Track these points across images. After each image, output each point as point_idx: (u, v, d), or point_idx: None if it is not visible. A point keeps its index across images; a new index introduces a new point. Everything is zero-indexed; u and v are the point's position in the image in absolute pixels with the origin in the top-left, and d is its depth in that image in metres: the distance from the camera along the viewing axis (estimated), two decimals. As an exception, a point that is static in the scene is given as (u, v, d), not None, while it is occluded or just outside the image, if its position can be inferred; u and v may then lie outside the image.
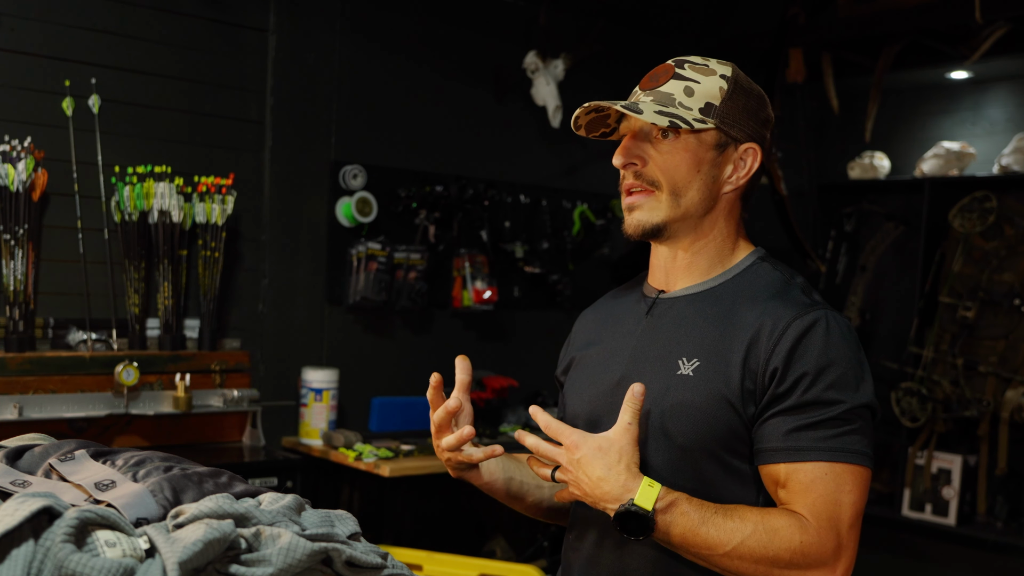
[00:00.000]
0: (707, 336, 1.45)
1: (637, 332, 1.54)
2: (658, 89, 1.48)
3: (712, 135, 1.48)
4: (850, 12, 4.02)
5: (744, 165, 1.50)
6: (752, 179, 1.53)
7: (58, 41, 2.97)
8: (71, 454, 1.28)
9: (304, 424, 3.36)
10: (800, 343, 1.38)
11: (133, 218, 3.03)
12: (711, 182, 1.49)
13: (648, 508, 1.33)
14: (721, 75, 1.49)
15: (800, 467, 1.36)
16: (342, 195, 3.50)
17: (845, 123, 4.57)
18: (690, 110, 1.46)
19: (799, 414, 1.37)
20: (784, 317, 1.41)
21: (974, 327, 4.10)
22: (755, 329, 1.41)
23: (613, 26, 4.14)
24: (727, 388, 1.40)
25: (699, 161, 1.47)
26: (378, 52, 3.60)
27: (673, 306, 1.52)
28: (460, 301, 3.75)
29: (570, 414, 1.62)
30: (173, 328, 3.12)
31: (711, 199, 1.50)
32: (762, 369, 1.39)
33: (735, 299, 1.48)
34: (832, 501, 1.35)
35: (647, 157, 1.49)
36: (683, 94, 1.47)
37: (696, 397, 1.42)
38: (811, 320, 1.40)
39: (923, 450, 4.16)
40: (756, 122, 1.50)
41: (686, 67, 1.49)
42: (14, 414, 2.76)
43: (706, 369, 1.43)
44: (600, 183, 4.20)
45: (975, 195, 4.15)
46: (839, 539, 1.35)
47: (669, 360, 1.47)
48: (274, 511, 1.11)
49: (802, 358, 1.37)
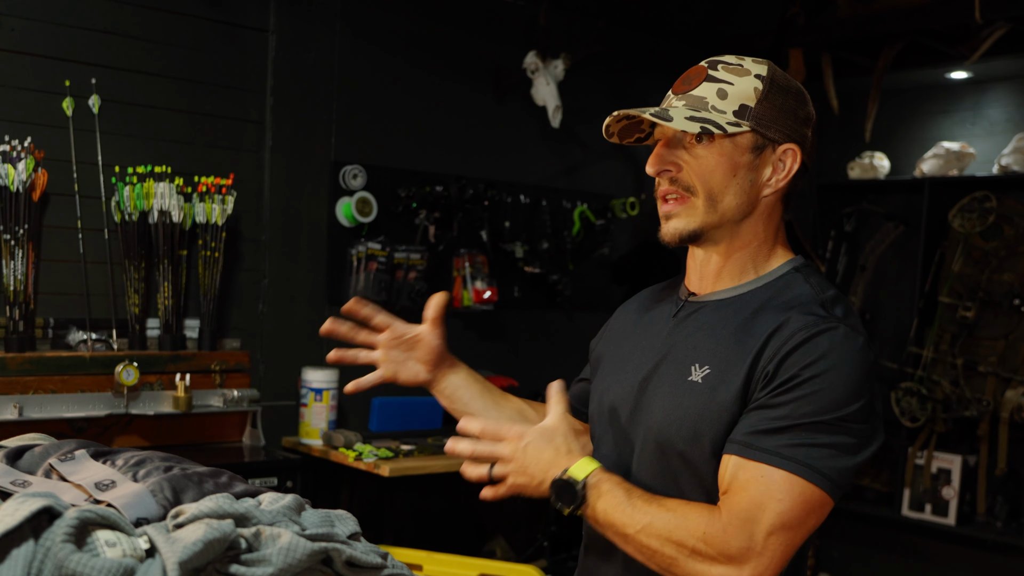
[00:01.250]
0: (722, 344, 1.43)
1: (663, 334, 1.53)
2: (691, 93, 1.45)
3: (748, 138, 1.44)
4: (850, 12, 4.02)
5: (783, 167, 1.46)
6: (793, 180, 1.47)
7: (58, 41, 2.97)
8: (71, 454, 1.28)
9: (304, 424, 3.36)
10: (798, 348, 1.35)
11: (133, 218, 3.03)
12: (748, 186, 1.45)
13: (579, 479, 1.38)
14: (756, 75, 1.44)
15: (746, 464, 1.34)
16: (342, 195, 3.50)
17: (845, 123, 4.57)
18: (723, 113, 1.42)
19: (772, 414, 1.34)
20: (795, 328, 1.37)
21: (974, 327, 4.10)
22: (766, 338, 1.38)
23: (613, 26, 4.14)
24: (730, 396, 1.38)
25: (735, 165, 1.44)
26: (378, 52, 3.60)
27: (698, 311, 1.51)
28: (460, 301, 3.75)
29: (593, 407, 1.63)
30: (173, 328, 3.12)
31: (749, 203, 1.46)
32: (759, 374, 1.37)
33: (760, 308, 1.44)
34: (756, 504, 1.31)
35: (681, 163, 1.45)
36: (716, 97, 1.43)
37: (698, 405, 1.41)
38: (818, 330, 1.36)
39: (923, 450, 4.16)
40: (795, 121, 1.46)
41: (719, 68, 1.45)
42: (14, 414, 2.76)
43: (713, 377, 1.41)
44: (600, 183, 4.20)
45: (975, 195, 4.16)
46: (750, 540, 1.31)
47: (683, 366, 1.46)
48: (274, 511, 1.11)
49: (796, 363, 1.34)
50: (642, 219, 4.21)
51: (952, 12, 3.72)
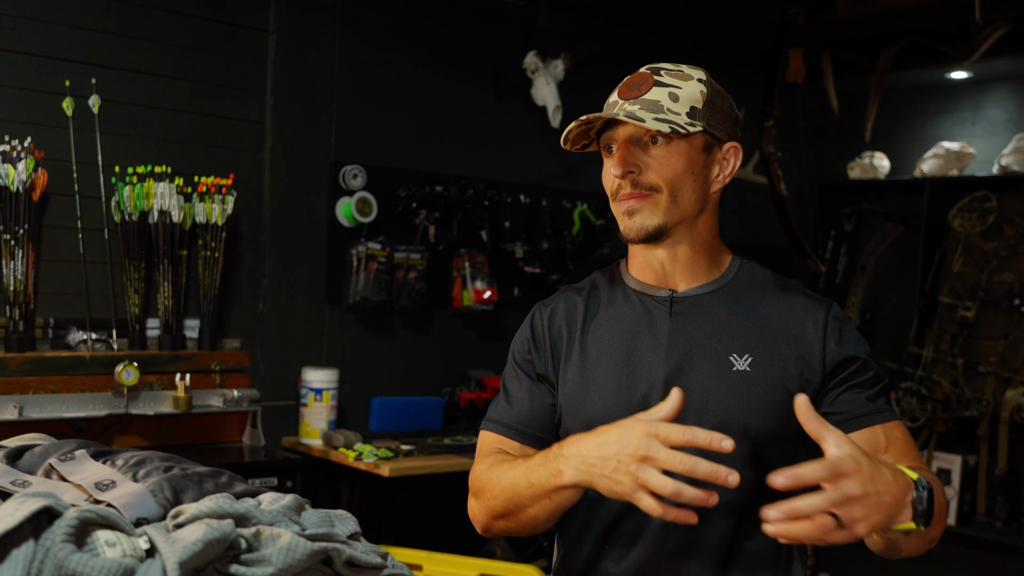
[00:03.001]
0: (747, 331, 1.53)
1: (664, 331, 1.53)
2: (643, 98, 1.50)
3: (700, 138, 1.51)
4: (850, 12, 4.02)
5: (728, 164, 1.55)
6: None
7: (58, 41, 2.97)
8: (71, 454, 1.28)
9: (304, 424, 3.36)
10: (842, 330, 1.54)
11: (133, 218, 3.03)
12: (703, 183, 1.53)
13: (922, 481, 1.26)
14: (698, 79, 1.52)
15: (888, 425, 1.52)
16: (342, 195, 3.50)
17: (845, 123, 4.57)
18: (679, 115, 1.49)
19: (867, 385, 1.53)
20: (819, 311, 1.54)
21: (974, 327, 4.10)
22: (795, 323, 1.53)
23: (613, 26, 4.14)
24: (786, 378, 1.50)
25: (692, 163, 1.51)
26: (378, 52, 3.60)
27: (696, 304, 1.55)
28: (460, 301, 3.75)
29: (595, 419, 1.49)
30: (173, 328, 3.12)
31: (703, 199, 1.54)
32: (820, 358, 1.51)
33: (750, 296, 1.56)
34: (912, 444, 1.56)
35: (643, 164, 1.50)
36: (669, 100, 1.49)
37: (760, 390, 1.49)
38: (836, 310, 1.57)
39: (923, 450, 4.16)
40: (732, 122, 1.56)
41: (663, 74, 1.52)
42: (14, 414, 2.76)
43: (762, 363, 1.50)
44: (600, 183, 4.18)
45: (975, 195, 4.16)
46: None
47: (719, 358, 1.51)
48: (274, 511, 1.11)
49: (848, 341, 1.54)
50: (642, 219, 4.21)
51: (952, 12, 3.72)
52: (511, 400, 1.64)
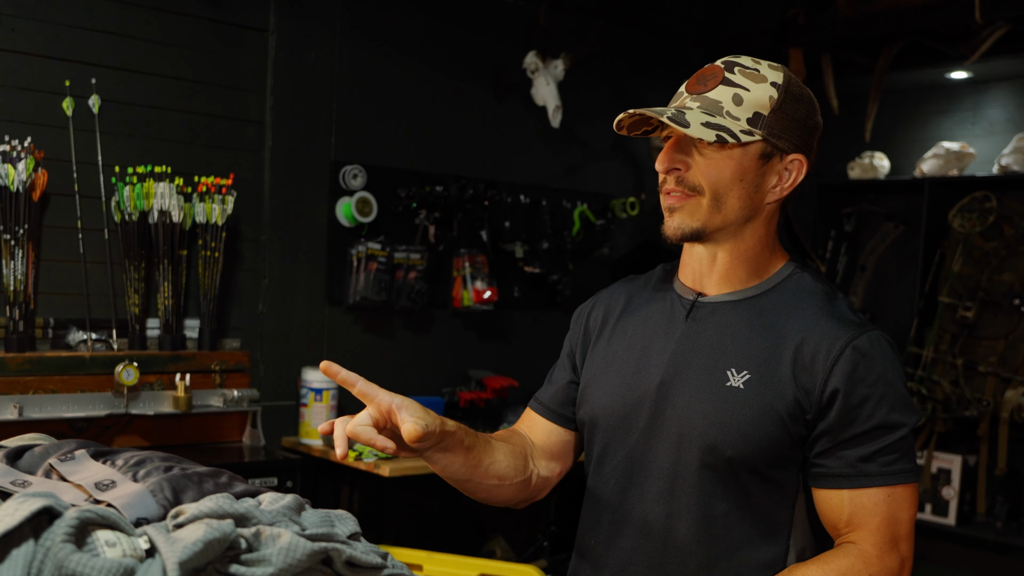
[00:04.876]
0: (756, 348, 1.44)
1: (676, 335, 1.51)
2: (706, 95, 1.44)
3: (759, 146, 1.44)
4: (850, 12, 4.02)
5: (789, 176, 1.47)
6: (795, 189, 1.49)
7: (58, 41, 2.97)
8: (71, 454, 1.28)
9: (304, 424, 3.36)
10: (860, 365, 1.39)
11: (133, 218, 3.03)
12: (753, 192, 1.46)
13: None
14: (772, 82, 1.44)
15: (864, 493, 1.40)
16: (342, 195, 3.50)
17: (845, 123, 4.57)
18: (737, 120, 1.42)
19: (864, 440, 1.39)
20: (840, 338, 1.40)
21: (974, 327, 4.10)
22: (809, 346, 1.41)
23: (613, 26, 4.14)
24: (780, 403, 1.41)
25: (743, 171, 1.44)
26: (378, 52, 3.60)
27: (715, 311, 1.50)
28: (460, 301, 3.75)
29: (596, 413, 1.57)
30: (173, 328, 3.12)
31: (752, 208, 1.47)
32: (819, 390, 1.39)
33: (780, 310, 1.47)
34: (892, 521, 1.40)
35: (690, 163, 1.45)
36: (731, 102, 1.43)
37: (748, 411, 1.42)
38: (867, 341, 1.41)
39: (923, 450, 4.16)
40: (804, 131, 1.47)
41: (736, 71, 1.45)
42: (14, 414, 2.76)
43: (757, 383, 1.42)
44: (600, 183, 4.20)
45: (975, 195, 4.15)
46: (900, 556, 1.40)
47: (716, 370, 1.45)
48: (274, 511, 1.11)
49: (863, 381, 1.39)
50: (642, 219, 4.21)
51: (952, 12, 3.71)
52: (551, 378, 1.71)
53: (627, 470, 1.52)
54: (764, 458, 1.42)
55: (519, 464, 1.60)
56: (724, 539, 1.44)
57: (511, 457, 1.59)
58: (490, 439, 1.59)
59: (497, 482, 1.56)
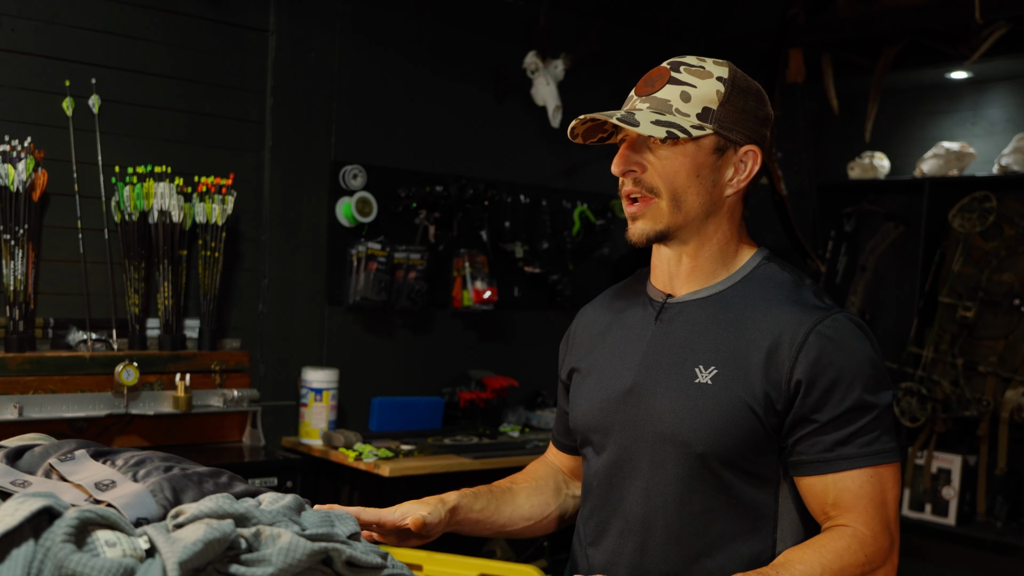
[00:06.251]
0: (723, 342, 1.45)
1: (646, 338, 1.53)
2: (654, 95, 1.47)
3: (711, 140, 1.46)
4: (850, 12, 4.02)
5: (744, 168, 1.49)
6: (753, 180, 1.51)
7: (58, 41, 2.97)
8: (71, 454, 1.28)
9: (304, 424, 3.36)
10: (825, 350, 1.39)
11: (133, 218, 3.03)
12: (711, 186, 1.48)
13: None
14: (718, 77, 1.46)
15: (846, 475, 1.40)
16: (342, 195, 3.50)
17: (845, 123, 4.57)
18: (687, 116, 1.44)
19: (838, 424, 1.39)
20: (804, 324, 1.41)
21: (974, 327, 4.10)
22: (774, 336, 1.41)
23: (613, 26, 4.14)
24: (748, 395, 1.41)
25: (698, 167, 1.46)
26: (378, 52, 3.60)
27: (683, 311, 1.51)
28: (460, 301, 3.75)
29: (578, 422, 1.61)
30: (173, 328, 3.12)
31: (712, 203, 1.49)
32: (786, 379, 1.39)
33: (746, 303, 1.47)
34: (880, 503, 1.40)
35: (646, 164, 1.48)
36: (680, 100, 1.45)
37: (716, 405, 1.42)
38: (832, 326, 1.40)
39: (923, 450, 4.16)
40: (755, 122, 1.49)
41: (681, 70, 1.47)
42: (14, 414, 2.76)
43: (725, 376, 1.42)
44: (600, 183, 4.20)
45: (975, 195, 4.15)
46: (891, 535, 1.42)
47: (684, 368, 1.46)
48: (274, 511, 1.11)
49: (832, 365, 1.38)
50: (642, 219, 4.21)
51: (952, 12, 3.71)
52: (558, 410, 1.76)
53: (609, 472, 1.55)
54: (739, 451, 1.42)
55: (545, 500, 1.69)
56: (706, 535, 1.46)
57: (535, 495, 1.68)
58: (510, 487, 1.68)
59: (526, 523, 1.67)
